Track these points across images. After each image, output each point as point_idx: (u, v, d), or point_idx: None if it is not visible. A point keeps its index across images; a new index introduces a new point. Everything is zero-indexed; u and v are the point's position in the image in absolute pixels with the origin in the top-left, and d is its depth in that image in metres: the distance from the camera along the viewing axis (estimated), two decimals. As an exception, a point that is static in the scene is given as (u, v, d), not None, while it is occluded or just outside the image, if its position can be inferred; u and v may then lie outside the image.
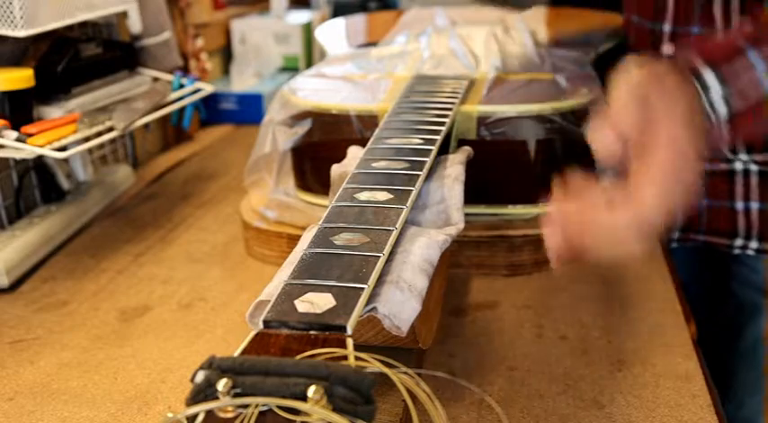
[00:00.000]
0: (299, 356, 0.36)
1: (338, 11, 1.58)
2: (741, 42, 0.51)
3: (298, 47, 1.39)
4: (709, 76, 0.50)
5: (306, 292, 0.42)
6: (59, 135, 0.76)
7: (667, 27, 0.83)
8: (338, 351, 0.37)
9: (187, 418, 0.32)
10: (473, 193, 0.61)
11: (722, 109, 0.50)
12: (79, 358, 0.64)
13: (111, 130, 0.81)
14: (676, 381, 0.57)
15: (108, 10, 0.88)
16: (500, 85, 0.80)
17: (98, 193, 0.93)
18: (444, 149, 0.64)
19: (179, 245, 0.84)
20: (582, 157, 0.77)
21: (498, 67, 0.85)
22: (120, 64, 0.90)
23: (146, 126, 1.00)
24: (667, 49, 0.83)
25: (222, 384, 0.33)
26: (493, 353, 0.62)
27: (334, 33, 1.15)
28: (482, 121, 0.73)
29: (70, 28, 0.85)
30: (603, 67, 0.88)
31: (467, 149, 0.66)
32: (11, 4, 0.73)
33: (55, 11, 0.78)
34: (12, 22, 0.74)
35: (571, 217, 0.48)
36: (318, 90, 0.82)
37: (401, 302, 0.45)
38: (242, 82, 1.35)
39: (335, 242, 0.47)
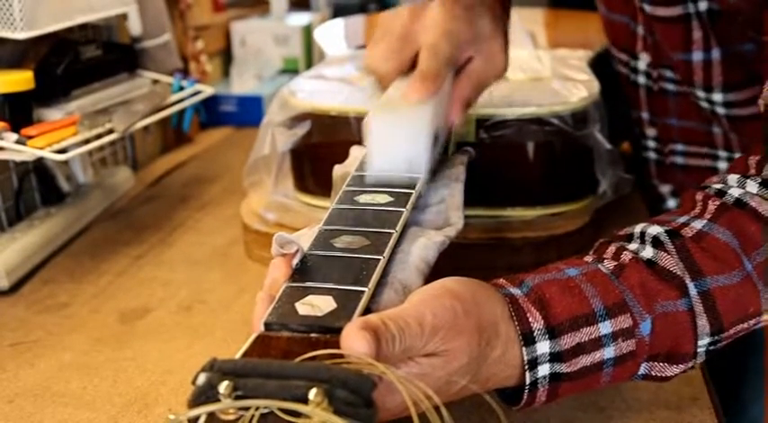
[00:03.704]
0: (299, 359, 0.36)
1: (338, 12, 1.59)
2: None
3: (298, 49, 1.39)
4: (543, 345, 0.45)
5: (307, 295, 0.42)
6: (59, 137, 0.76)
7: (641, 29, 0.79)
8: (339, 352, 0.37)
9: (189, 420, 0.32)
10: (473, 196, 0.61)
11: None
12: (79, 360, 0.64)
13: (110, 132, 0.81)
14: (676, 383, 0.57)
15: (108, 12, 0.88)
16: (499, 88, 0.80)
17: (98, 196, 0.93)
18: (443, 152, 0.64)
19: (179, 247, 0.84)
20: (580, 160, 0.77)
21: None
22: (119, 66, 0.90)
23: (145, 128, 1.00)
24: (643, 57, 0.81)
25: (224, 387, 0.33)
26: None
27: (333, 35, 1.15)
28: (481, 123, 0.73)
29: (70, 30, 0.85)
30: (602, 68, 0.88)
31: (468, 151, 0.66)
32: (11, 6, 0.73)
33: (55, 13, 0.78)
34: (12, 24, 0.74)
35: None
36: (317, 92, 0.82)
37: (395, 303, 0.45)
38: (242, 84, 1.35)
39: (336, 245, 0.47)
